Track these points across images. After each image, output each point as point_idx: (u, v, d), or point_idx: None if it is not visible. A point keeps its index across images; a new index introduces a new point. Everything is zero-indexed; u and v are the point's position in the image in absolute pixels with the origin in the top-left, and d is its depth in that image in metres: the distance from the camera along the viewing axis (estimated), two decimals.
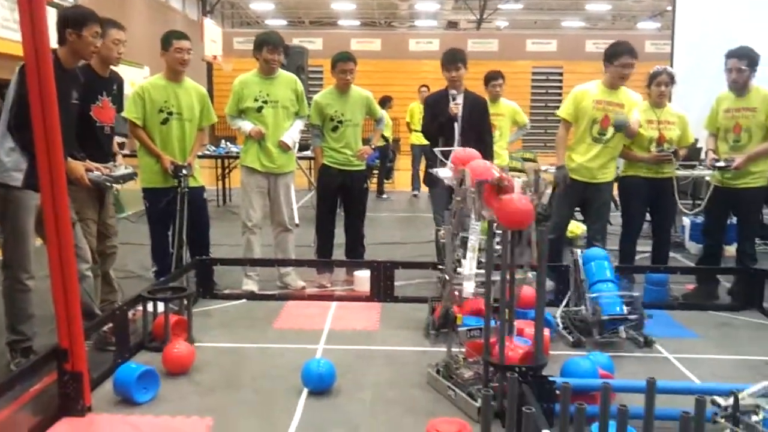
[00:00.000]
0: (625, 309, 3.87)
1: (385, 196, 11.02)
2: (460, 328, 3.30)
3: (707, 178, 5.20)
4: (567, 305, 4.17)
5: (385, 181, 11.47)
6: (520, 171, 7.99)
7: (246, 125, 4.88)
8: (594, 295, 3.92)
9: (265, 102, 4.87)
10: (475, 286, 3.12)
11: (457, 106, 4.86)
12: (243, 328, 4.16)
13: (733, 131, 4.75)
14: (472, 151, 3.43)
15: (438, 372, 3.26)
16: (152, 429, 2.81)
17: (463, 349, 3.33)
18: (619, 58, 4.65)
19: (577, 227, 6.46)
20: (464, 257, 3.20)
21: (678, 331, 4.13)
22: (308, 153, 7.59)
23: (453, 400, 3.08)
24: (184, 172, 4.45)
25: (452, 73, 4.95)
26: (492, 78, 6.56)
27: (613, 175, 4.87)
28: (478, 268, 3.15)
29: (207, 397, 3.13)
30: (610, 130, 4.73)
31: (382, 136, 10.89)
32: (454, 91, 4.96)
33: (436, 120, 4.95)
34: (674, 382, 3.21)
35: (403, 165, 12.68)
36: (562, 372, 3.14)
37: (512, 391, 1.94)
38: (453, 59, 4.98)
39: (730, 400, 2.41)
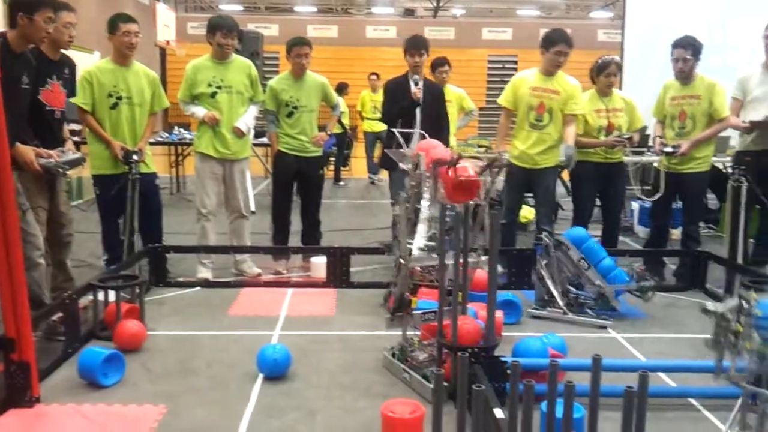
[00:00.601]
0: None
1: (342, 183, 11.00)
2: (414, 312, 3.34)
3: (655, 164, 5.35)
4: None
5: (342, 168, 11.45)
6: (475, 158, 8.08)
7: (200, 111, 4.81)
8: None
9: (219, 87, 4.80)
10: (423, 253, 3.18)
11: (419, 90, 4.90)
12: (197, 315, 4.12)
13: (678, 118, 4.89)
14: (436, 142, 3.46)
15: (393, 355, 3.30)
16: (103, 418, 2.77)
17: (418, 333, 3.37)
18: (554, 45, 4.74)
19: (529, 212, 6.58)
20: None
21: (626, 311, 4.25)
22: (264, 140, 7.53)
23: (408, 383, 3.12)
24: (135, 157, 4.37)
25: (416, 59, 4.99)
26: (439, 64, 6.60)
27: (555, 160, 4.96)
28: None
29: (160, 385, 3.10)
30: (546, 117, 4.81)
31: (340, 123, 10.88)
32: (416, 76, 5.00)
33: (398, 104, 4.98)
34: (619, 360, 3.32)
35: (360, 152, 12.67)
36: (514, 352, 3.21)
37: (462, 370, 1.98)
38: (417, 45, 5.03)
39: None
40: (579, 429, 2.38)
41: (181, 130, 9.65)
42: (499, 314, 3.70)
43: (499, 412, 2.44)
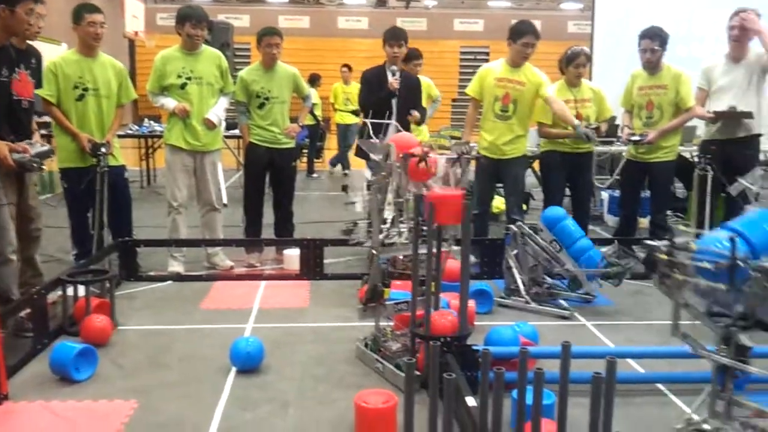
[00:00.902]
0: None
1: (315, 175, 10.96)
2: (387, 302, 3.35)
3: (624, 153, 5.42)
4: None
5: (316, 160, 11.40)
6: (447, 149, 8.10)
7: (169, 102, 4.75)
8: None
9: (189, 78, 4.75)
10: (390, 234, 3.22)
11: (397, 81, 4.92)
12: (169, 309, 4.09)
13: (646, 108, 4.96)
14: (411, 137, 3.46)
15: (366, 346, 3.31)
16: (73, 414, 2.74)
17: (391, 323, 3.39)
18: (522, 37, 4.77)
19: (501, 202, 6.62)
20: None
21: (596, 299, 4.31)
22: (236, 132, 7.46)
23: (381, 373, 3.13)
24: (103, 150, 4.30)
25: (395, 50, 5.01)
26: (414, 57, 6.60)
27: (523, 150, 5.01)
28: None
29: (131, 380, 3.07)
30: (511, 107, 4.85)
31: (313, 115, 10.83)
32: (394, 67, 5.01)
33: (374, 95, 4.98)
34: (588, 348, 3.37)
35: (333, 144, 12.62)
36: (486, 341, 3.24)
37: (434, 359, 1.99)
38: (397, 36, 5.05)
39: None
40: (549, 415, 2.41)
41: (152, 122, 9.53)
42: (471, 304, 3.73)
43: (471, 400, 2.48)
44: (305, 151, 11.04)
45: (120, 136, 8.07)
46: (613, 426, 1.99)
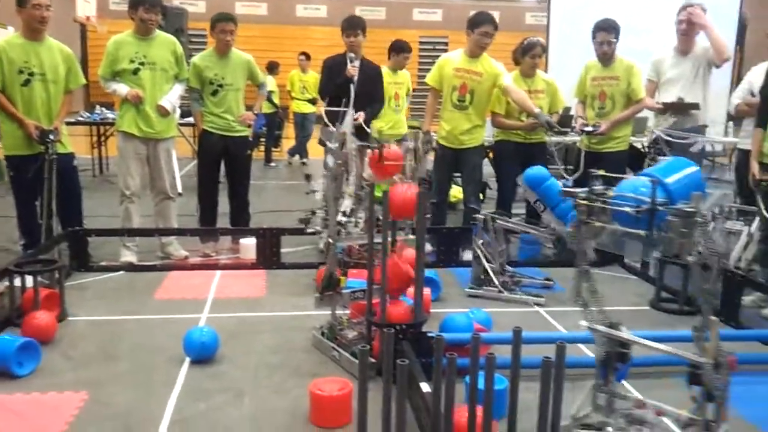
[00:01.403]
0: None
1: (273, 164, 10.87)
2: (343, 291, 3.35)
3: (577, 144, 5.51)
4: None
5: (273, 149, 11.31)
6: (401, 139, 8.11)
7: (122, 88, 4.65)
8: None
9: (142, 64, 4.65)
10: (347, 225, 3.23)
11: (354, 68, 4.94)
12: (121, 300, 4.01)
13: (598, 99, 5.06)
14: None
15: (323, 334, 3.31)
16: (21, 407, 2.67)
17: (348, 311, 3.39)
18: (480, 26, 4.81)
19: (458, 192, 6.68)
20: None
21: (553, 285, 4.39)
22: (191, 119, 7.33)
23: (337, 361, 3.14)
24: (51, 137, 4.19)
25: (351, 38, 5.04)
26: (402, 50, 6.58)
27: (480, 140, 5.06)
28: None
29: (82, 372, 3.01)
30: (468, 98, 4.90)
31: (271, 103, 10.71)
32: (352, 54, 5.02)
33: (333, 81, 4.98)
34: (539, 333, 3.43)
35: (292, 133, 12.53)
36: (441, 328, 3.28)
37: (388, 346, 2.00)
38: (353, 25, 5.07)
39: None
40: (501, 400, 2.45)
41: (103, 109, 9.28)
42: (427, 292, 3.77)
43: (425, 386, 2.50)
44: (263, 139, 10.93)
45: (70, 124, 7.86)
46: (563, 409, 2.03)
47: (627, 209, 2.18)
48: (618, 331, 2.33)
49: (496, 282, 4.20)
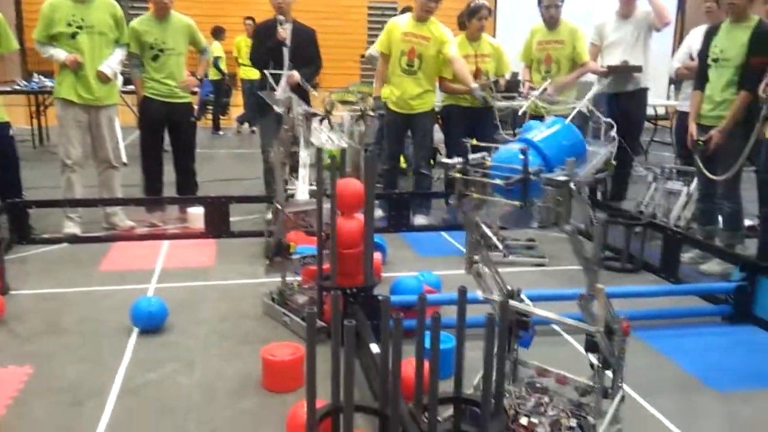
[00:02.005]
0: None
1: (221, 132, 10.67)
2: (293, 256, 3.35)
3: (524, 108, 5.57)
4: None
5: (221, 116, 11.09)
6: (355, 104, 8.07)
7: (59, 53, 4.47)
8: None
9: (80, 27, 4.47)
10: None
11: (284, 30, 4.85)
12: (65, 272, 3.92)
13: (544, 62, 5.11)
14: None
15: (273, 300, 3.31)
16: None
17: (298, 277, 3.39)
18: None
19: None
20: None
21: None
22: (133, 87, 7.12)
23: (288, 326, 3.15)
24: None
25: (279, 0, 4.91)
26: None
27: (431, 104, 5.07)
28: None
29: (26, 346, 2.94)
30: (417, 62, 4.89)
31: (218, 70, 10.47)
32: (281, 17, 4.92)
33: (264, 46, 4.89)
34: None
35: (239, 100, 12.31)
36: (391, 290, 3.32)
37: (336, 308, 2.01)
38: None
39: None
40: (448, 358, 2.51)
41: (42, 77, 8.90)
42: (377, 256, 3.80)
43: (374, 347, 2.54)
44: (210, 107, 10.71)
45: (6, 92, 7.58)
46: (507, 366, 2.09)
47: (498, 181, 2.04)
48: (516, 299, 2.31)
49: (500, 246, 4.24)
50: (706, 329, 3.31)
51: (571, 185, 1.96)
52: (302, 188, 3.25)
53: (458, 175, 2.14)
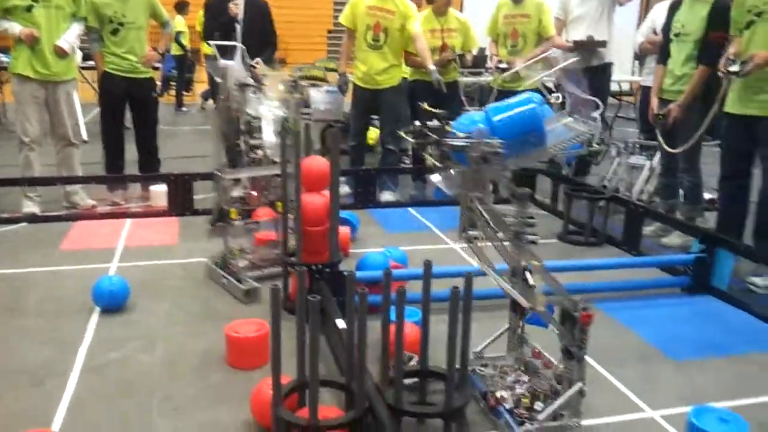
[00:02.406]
0: None
1: (184, 108, 10.48)
2: (236, 223, 3.39)
3: (490, 83, 5.58)
4: None
5: (185, 93, 10.89)
6: (322, 80, 7.99)
7: (14, 27, 4.33)
8: None
9: (36, 0, 4.33)
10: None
11: (236, 6, 4.81)
12: (24, 252, 3.83)
13: (511, 37, 5.11)
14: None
15: (216, 264, 3.40)
16: None
17: (242, 242, 3.51)
18: None
19: (376, 134, 6.67)
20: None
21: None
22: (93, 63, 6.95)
23: (225, 287, 3.27)
24: None
25: None
26: None
27: (398, 79, 5.05)
28: None
29: None
30: (382, 36, 4.86)
31: (180, 45, 10.26)
32: None
33: (216, 20, 4.84)
34: (450, 267, 3.53)
35: (203, 76, 12.09)
36: (358, 267, 3.32)
37: (301, 283, 2.00)
38: None
39: None
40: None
41: None
42: (346, 230, 3.80)
43: (340, 323, 2.54)
44: (173, 83, 10.50)
45: None
46: (472, 338, 2.10)
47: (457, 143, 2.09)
48: (519, 276, 2.26)
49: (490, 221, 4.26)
50: (666, 300, 3.39)
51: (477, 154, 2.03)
52: (267, 131, 3.27)
53: (410, 138, 2.16)
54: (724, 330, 3.05)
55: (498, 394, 2.23)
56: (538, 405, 2.17)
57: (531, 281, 2.15)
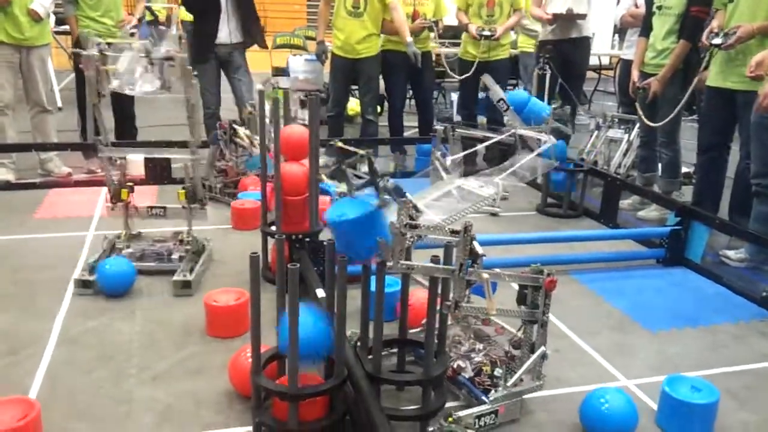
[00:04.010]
0: None
1: None
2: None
3: (458, 54, 5.53)
4: None
5: None
6: (303, 49, 7.90)
7: None
8: None
9: None
10: None
11: None
12: None
13: (486, 6, 5.08)
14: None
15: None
16: None
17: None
18: None
19: (357, 104, 6.63)
20: None
21: None
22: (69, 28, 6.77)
23: None
24: None
25: None
26: None
27: (377, 49, 5.00)
28: None
29: None
30: (362, 4, 4.80)
31: (150, 12, 10.00)
32: None
33: None
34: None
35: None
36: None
37: (279, 252, 2.00)
38: None
39: None
40: (391, 301, 2.54)
41: None
42: (326, 199, 3.78)
43: (320, 292, 2.54)
44: None
45: None
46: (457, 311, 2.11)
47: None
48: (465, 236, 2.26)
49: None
50: (642, 272, 3.44)
51: None
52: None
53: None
54: (698, 301, 3.11)
55: (455, 364, 2.22)
56: (497, 371, 2.17)
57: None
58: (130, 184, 3.28)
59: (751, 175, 3.45)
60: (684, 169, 4.56)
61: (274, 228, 2.99)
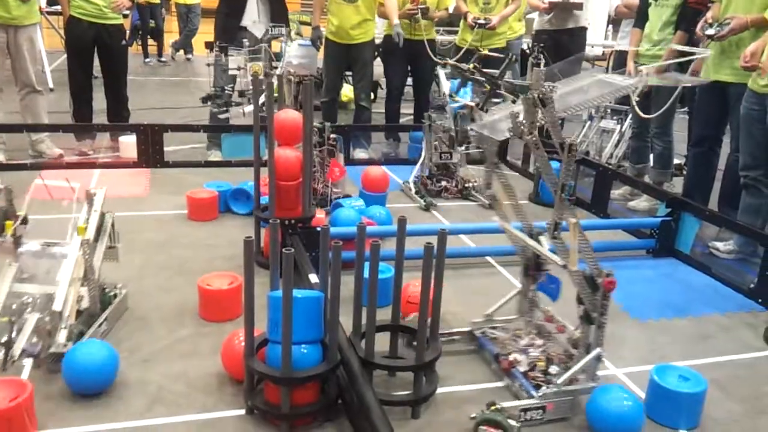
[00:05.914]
0: None
1: (148, 60, 10.16)
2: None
3: (455, 42, 5.52)
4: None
5: (154, 43, 10.57)
6: (298, 35, 7.84)
7: None
8: None
9: None
10: None
11: None
12: None
13: None
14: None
15: None
16: None
17: None
18: None
19: (351, 91, 6.61)
20: None
21: None
22: (59, 8, 6.70)
23: None
24: None
25: None
26: None
27: (371, 35, 4.98)
28: None
29: None
30: None
31: None
32: None
33: None
34: (423, 225, 3.56)
35: (174, 26, 11.77)
36: (331, 222, 3.31)
37: (273, 236, 2.00)
38: None
39: None
40: (386, 287, 2.55)
41: None
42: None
43: (313, 277, 2.54)
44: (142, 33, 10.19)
45: None
46: (444, 292, 2.11)
47: None
48: (534, 239, 2.30)
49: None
50: (632, 262, 3.46)
51: None
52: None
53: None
54: (687, 292, 3.14)
55: (512, 357, 2.26)
56: (553, 369, 2.19)
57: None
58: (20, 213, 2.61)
59: (740, 167, 3.48)
60: (675, 161, 4.59)
61: (267, 213, 2.99)
